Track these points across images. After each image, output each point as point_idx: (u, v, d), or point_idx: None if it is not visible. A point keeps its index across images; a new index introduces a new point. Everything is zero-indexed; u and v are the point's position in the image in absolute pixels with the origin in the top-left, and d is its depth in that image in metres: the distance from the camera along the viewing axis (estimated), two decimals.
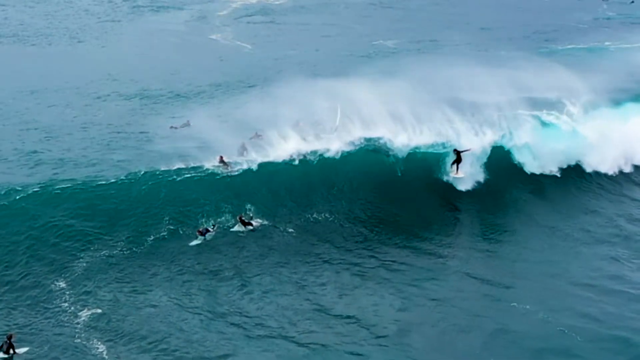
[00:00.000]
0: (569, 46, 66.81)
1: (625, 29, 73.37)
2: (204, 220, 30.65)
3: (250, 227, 30.57)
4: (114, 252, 28.64)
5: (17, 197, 29.99)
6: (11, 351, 22.81)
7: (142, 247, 29.05)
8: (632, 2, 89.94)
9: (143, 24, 75.46)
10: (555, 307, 26.47)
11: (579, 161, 38.15)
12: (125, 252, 28.69)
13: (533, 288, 27.95)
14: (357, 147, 34.63)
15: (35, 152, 37.36)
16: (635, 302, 27.36)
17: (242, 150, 34.42)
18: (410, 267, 28.91)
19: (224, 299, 26.45)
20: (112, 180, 31.91)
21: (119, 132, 40.56)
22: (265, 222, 31.02)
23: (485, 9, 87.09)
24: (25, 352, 22.95)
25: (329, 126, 35.65)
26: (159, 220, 30.48)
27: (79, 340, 23.81)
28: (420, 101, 36.63)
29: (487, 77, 41.49)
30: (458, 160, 34.64)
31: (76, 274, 27.13)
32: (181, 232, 30.08)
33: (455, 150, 34.97)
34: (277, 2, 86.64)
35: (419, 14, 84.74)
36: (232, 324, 25.07)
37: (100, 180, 31.83)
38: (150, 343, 23.98)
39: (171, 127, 39.67)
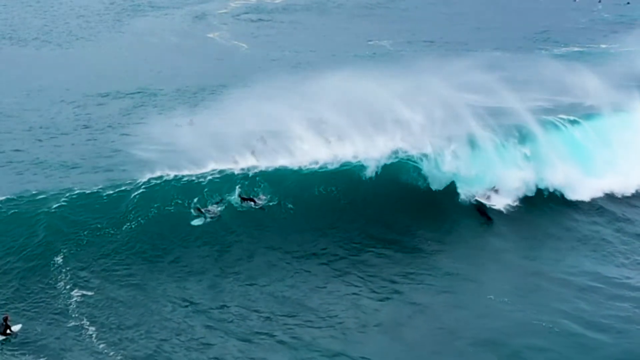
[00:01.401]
0: (564, 48, 67.21)
1: (622, 31, 73.76)
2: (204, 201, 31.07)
3: (252, 204, 30.84)
4: (113, 240, 29.05)
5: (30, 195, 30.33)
6: (8, 331, 23.39)
7: (140, 238, 29.36)
8: (628, 3, 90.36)
9: (142, 22, 75.64)
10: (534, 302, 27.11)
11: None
12: (123, 241, 29.10)
13: (513, 284, 28.58)
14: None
15: (37, 149, 37.78)
16: (613, 299, 27.97)
17: (254, 149, 34.41)
18: (394, 264, 29.47)
19: (214, 292, 26.97)
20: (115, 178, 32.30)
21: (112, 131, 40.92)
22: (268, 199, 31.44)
23: (479, 8, 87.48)
24: (20, 330, 23.63)
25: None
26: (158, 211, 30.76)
27: (72, 323, 24.45)
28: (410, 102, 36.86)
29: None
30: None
31: (73, 258, 27.61)
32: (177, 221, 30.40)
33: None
34: (277, 1, 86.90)
35: (414, 14, 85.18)
36: (217, 317, 25.55)
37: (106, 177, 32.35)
38: (139, 329, 24.63)
39: (176, 125, 39.60)
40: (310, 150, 34.23)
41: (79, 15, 77.28)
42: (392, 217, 32.38)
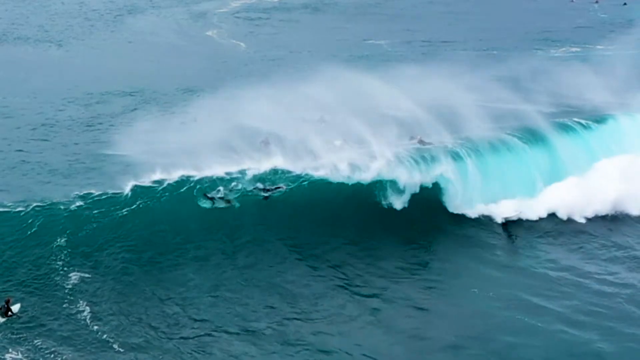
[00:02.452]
0: (560, 49, 67.49)
1: (618, 32, 73.98)
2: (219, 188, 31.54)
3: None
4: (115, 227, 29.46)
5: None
6: (9, 313, 24.14)
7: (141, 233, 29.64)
8: (625, 4, 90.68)
9: (143, 19, 75.90)
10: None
11: None
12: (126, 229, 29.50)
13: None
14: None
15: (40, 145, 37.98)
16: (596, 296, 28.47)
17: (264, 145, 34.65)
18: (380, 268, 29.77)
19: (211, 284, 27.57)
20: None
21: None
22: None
23: (475, 8, 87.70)
24: (19, 310, 24.39)
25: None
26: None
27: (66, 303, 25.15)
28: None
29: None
30: None
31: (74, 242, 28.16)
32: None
33: None
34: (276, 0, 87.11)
35: (412, 11, 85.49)
36: (210, 307, 26.24)
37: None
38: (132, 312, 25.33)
39: (181, 123, 39.66)
40: (319, 153, 34.24)
41: (74, 15, 77.18)
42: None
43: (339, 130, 36.24)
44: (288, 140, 34.52)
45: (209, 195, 31.33)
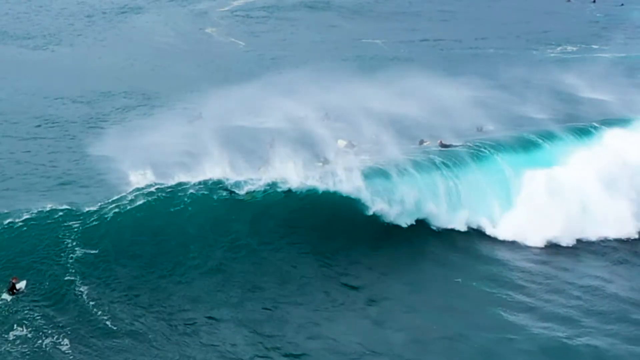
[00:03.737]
0: (557, 48, 67.93)
1: (614, 32, 74.40)
2: None
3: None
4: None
5: None
6: (14, 290, 24.60)
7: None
8: (622, 4, 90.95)
9: (144, 17, 76.29)
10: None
11: None
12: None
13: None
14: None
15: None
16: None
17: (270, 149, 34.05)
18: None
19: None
20: None
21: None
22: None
23: (469, 7, 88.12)
24: (25, 286, 24.88)
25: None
26: None
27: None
28: None
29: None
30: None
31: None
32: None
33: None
34: None
35: (411, 8, 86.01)
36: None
37: None
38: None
39: (188, 120, 39.80)
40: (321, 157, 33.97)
41: (72, 13, 77.33)
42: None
43: (343, 128, 36.41)
44: (292, 140, 33.96)
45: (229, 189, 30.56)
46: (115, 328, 24.14)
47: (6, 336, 23.06)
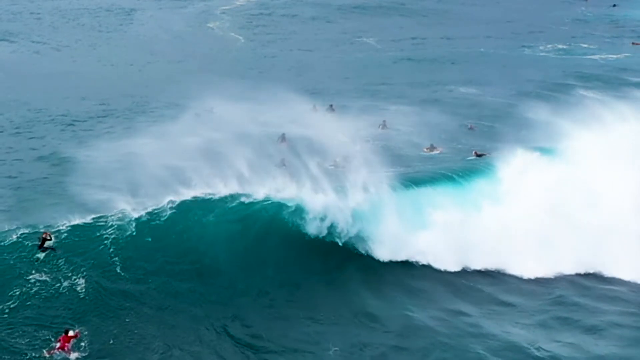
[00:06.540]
0: (549, 46, 69.20)
1: (606, 31, 75.69)
2: None
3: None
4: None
5: None
6: (45, 245, 25.45)
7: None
8: (614, 5, 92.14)
9: (145, 14, 77.68)
10: None
11: None
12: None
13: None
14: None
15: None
16: None
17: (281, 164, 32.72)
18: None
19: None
20: None
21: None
22: None
23: (462, 6, 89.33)
24: (53, 243, 25.49)
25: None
26: None
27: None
28: None
29: None
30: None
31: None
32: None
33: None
34: None
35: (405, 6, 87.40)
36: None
37: None
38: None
39: (196, 114, 39.57)
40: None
41: (73, 15, 77.70)
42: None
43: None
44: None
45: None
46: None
47: None
